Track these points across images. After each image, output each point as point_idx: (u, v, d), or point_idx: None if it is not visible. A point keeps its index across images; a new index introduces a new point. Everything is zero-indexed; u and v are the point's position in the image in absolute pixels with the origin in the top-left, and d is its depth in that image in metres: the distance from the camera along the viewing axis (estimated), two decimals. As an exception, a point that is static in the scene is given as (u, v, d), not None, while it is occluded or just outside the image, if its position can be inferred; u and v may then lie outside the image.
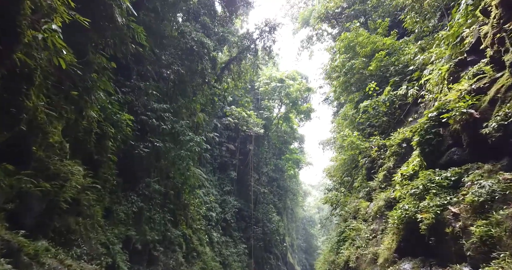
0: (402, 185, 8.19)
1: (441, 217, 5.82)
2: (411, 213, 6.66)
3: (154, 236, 14.63)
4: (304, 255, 69.30)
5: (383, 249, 7.86)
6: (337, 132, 20.49)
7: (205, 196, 28.46)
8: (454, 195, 5.96)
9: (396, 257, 7.16)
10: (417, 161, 8.06)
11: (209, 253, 24.00)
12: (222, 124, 35.94)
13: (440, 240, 5.80)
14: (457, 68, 7.90)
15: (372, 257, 8.45)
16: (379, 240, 8.89)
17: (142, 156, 13.68)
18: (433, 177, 6.67)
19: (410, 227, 6.78)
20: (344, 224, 12.94)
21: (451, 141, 6.92)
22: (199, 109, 19.44)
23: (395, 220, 7.31)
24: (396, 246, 7.30)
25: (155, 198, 15.36)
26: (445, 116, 6.63)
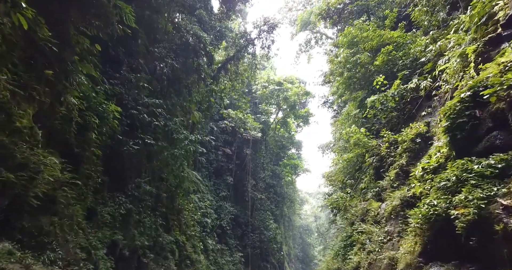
0: (423, 180, 7.21)
1: (486, 212, 4.82)
2: (441, 210, 5.66)
3: (143, 242, 13.47)
4: (301, 265, 67.68)
5: (403, 253, 6.85)
6: (339, 133, 19.53)
7: (200, 202, 27.28)
8: (501, 185, 4.98)
9: (422, 262, 6.13)
10: (441, 153, 7.10)
11: (204, 261, 22.76)
12: (219, 128, 34.92)
13: (485, 240, 4.79)
14: (487, 47, 7.00)
15: (389, 263, 7.43)
16: (396, 243, 7.87)
17: (132, 154, 12.61)
18: (470, 166, 5.68)
19: (440, 226, 5.78)
20: (350, 228, 11.89)
21: (491, 124, 5.95)
22: (194, 108, 18.44)
23: (418, 219, 6.31)
24: (421, 249, 6.28)
25: (146, 200, 14.24)
26: (486, 92, 5.63)
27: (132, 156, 12.79)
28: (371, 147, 12.32)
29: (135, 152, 12.68)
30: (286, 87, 38.53)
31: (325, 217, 72.04)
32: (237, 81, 25.75)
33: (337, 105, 30.59)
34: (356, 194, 13.16)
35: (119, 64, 12.87)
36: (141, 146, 13.19)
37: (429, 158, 7.55)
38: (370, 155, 12.81)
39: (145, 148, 13.76)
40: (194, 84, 18.43)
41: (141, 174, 13.98)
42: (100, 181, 10.49)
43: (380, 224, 9.10)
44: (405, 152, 10.33)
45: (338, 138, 22.37)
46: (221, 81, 25.31)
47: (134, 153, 12.71)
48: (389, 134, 11.11)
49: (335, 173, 22.44)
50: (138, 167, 13.72)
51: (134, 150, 12.53)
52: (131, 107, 12.58)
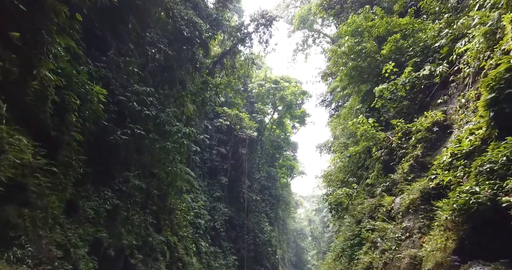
0: (453, 168, 6.28)
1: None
2: (485, 198, 4.74)
3: (131, 241, 12.36)
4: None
5: (431, 251, 5.90)
6: (339, 129, 18.62)
7: (193, 202, 26.15)
8: None
9: (457, 261, 5.18)
10: (475, 135, 6.18)
11: (196, 264, 21.62)
12: (213, 126, 33.86)
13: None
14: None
15: (411, 262, 6.48)
16: (417, 240, 6.93)
17: (120, 144, 11.53)
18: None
19: (482, 218, 4.85)
20: (357, 226, 10.92)
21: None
22: (188, 100, 17.40)
23: (450, 211, 5.37)
24: (455, 246, 5.32)
25: (135, 196, 13.13)
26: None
27: (120, 147, 11.71)
28: (379, 139, 11.40)
29: (123, 143, 11.61)
30: (282, 86, 37.64)
31: (319, 221, 71.18)
32: (233, 76, 24.76)
33: (336, 103, 29.76)
34: (362, 190, 12.21)
35: (106, 47, 11.82)
36: (130, 137, 12.11)
37: (458, 142, 6.62)
38: (377, 148, 11.89)
39: (135, 140, 12.69)
40: (189, 75, 17.42)
41: (130, 168, 12.89)
42: (83, 171, 9.39)
43: (396, 220, 8.15)
44: (419, 142, 9.43)
45: (338, 135, 21.48)
46: (217, 76, 24.34)
47: (122, 144, 11.64)
48: (402, 122, 10.19)
49: (334, 172, 21.52)
50: (126, 159, 12.63)
51: (122, 140, 11.46)
52: (119, 93, 11.52)
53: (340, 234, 17.23)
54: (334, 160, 22.10)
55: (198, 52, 16.28)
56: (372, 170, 12.46)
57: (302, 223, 77.42)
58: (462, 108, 8.28)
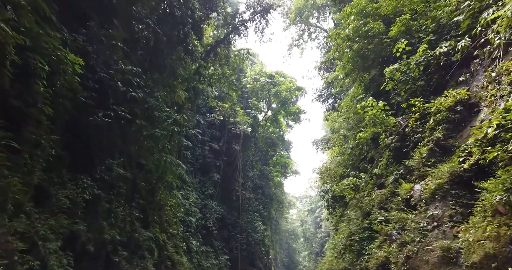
0: (500, 142, 5.21)
1: None
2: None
3: (114, 236, 11.11)
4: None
5: (475, 240, 4.86)
6: (342, 119, 17.56)
7: (184, 199, 24.88)
8: None
9: (516, 251, 4.16)
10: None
11: (186, 263, 20.36)
12: (206, 121, 32.60)
13: None
14: None
15: (444, 255, 5.43)
16: (449, 230, 5.88)
17: (101, 128, 10.29)
18: None
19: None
20: (366, 219, 9.85)
21: None
22: (180, 87, 16.19)
23: (505, 191, 4.32)
24: (513, 233, 4.30)
25: (119, 187, 11.87)
26: None
27: (102, 131, 10.46)
28: (389, 124, 10.35)
29: (105, 126, 10.36)
30: (278, 80, 36.53)
31: (311, 222, 70.36)
32: (227, 66, 23.58)
33: (334, 98, 28.81)
34: (369, 180, 11.13)
35: (87, 19, 10.55)
36: (114, 121, 10.88)
37: (505, 112, 5.53)
38: (387, 135, 10.85)
39: (119, 124, 11.45)
40: (180, 60, 16.20)
41: (114, 155, 11.64)
42: (55, 154, 8.15)
43: (418, 209, 7.09)
44: (439, 124, 8.40)
45: (337, 128, 20.44)
46: (210, 66, 23.14)
47: (104, 127, 10.39)
48: (420, 101, 9.14)
49: (333, 167, 20.49)
50: (110, 146, 11.38)
51: (104, 123, 10.21)
52: (101, 70, 10.27)
53: (341, 230, 16.19)
54: (333, 154, 21.08)
55: (191, 34, 15.10)
56: (380, 159, 11.41)
57: (294, 224, 76.55)
58: (492, 83, 7.29)
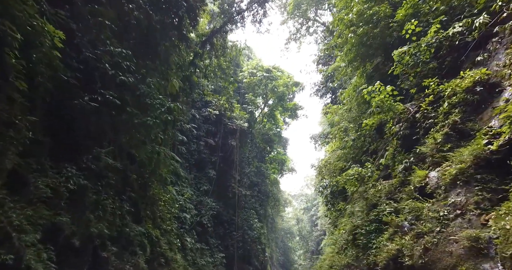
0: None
1: None
2: None
3: (103, 230, 10.34)
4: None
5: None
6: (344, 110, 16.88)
7: (178, 195, 24.12)
8: None
9: None
10: None
11: (181, 261, 19.62)
12: (201, 116, 31.77)
13: None
14: None
15: (472, 246, 4.78)
16: (475, 218, 5.22)
17: (88, 113, 9.50)
18: None
19: None
20: (373, 212, 9.17)
21: None
22: (174, 75, 15.40)
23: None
24: None
25: (108, 177, 11.10)
26: None
27: (89, 116, 9.68)
28: (398, 111, 9.68)
29: (93, 111, 9.58)
30: (275, 75, 35.78)
31: (307, 220, 69.94)
32: (224, 57, 22.82)
33: (332, 92, 28.17)
34: (376, 170, 10.45)
35: None
36: (102, 107, 10.09)
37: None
38: (394, 122, 10.18)
39: (108, 111, 10.65)
40: (174, 47, 15.42)
41: (102, 144, 10.86)
42: (34, 137, 7.37)
43: (436, 197, 6.42)
44: (455, 107, 7.74)
45: (337, 121, 19.78)
46: (206, 57, 22.37)
47: (91, 112, 9.61)
48: (435, 82, 8.43)
49: (332, 161, 19.82)
50: (98, 133, 10.60)
51: (91, 108, 9.43)
52: (87, 50, 9.48)
53: (342, 225, 15.56)
54: (332, 148, 20.43)
55: (185, 18, 14.33)
56: (386, 148, 10.74)
57: (290, 222, 76.08)
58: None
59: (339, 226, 18.30)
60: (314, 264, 53.56)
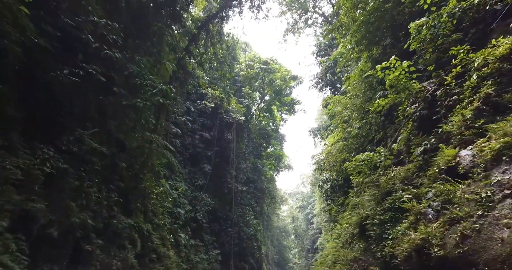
0: None
1: None
2: None
3: (86, 220, 9.31)
4: (277, 268, 64.74)
5: None
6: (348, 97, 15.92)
7: (172, 189, 23.09)
8: None
9: None
10: None
11: (174, 257, 18.62)
12: (196, 109, 30.66)
13: None
14: None
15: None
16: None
17: (69, 88, 8.45)
18: None
19: None
20: (386, 200, 8.23)
21: None
22: (167, 57, 14.34)
23: None
24: None
25: (92, 163, 10.02)
26: None
27: (70, 93, 8.63)
28: (414, 89, 8.72)
29: (73, 86, 8.52)
30: (273, 67, 34.75)
31: (303, 218, 69.31)
32: (220, 45, 21.78)
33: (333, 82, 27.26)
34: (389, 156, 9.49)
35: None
36: (85, 83, 9.04)
37: None
38: (410, 103, 9.23)
39: (93, 89, 9.61)
40: (168, 28, 14.36)
41: (86, 125, 9.78)
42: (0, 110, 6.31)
43: (472, 177, 5.48)
44: (487, 79, 6.79)
45: (339, 111, 18.84)
46: (201, 44, 21.31)
47: (72, 88, 8.55)
48: (465, 49, 7.44)
49: (334, 153, 18.87)
50: (81, 113, 9.54)
51: (71, 83, 8.37)
52: (66, 17, 8.39)
53: (346, 218, 14.66)
54: (334, 139, 19.50)
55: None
56: (400, 132, 9.79)
57: (285, 221, 75.46)
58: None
59: (340, 220, 17.39)
60: (309, 262, 53.03)
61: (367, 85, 14.22)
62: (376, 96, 11.37)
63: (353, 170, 9.69)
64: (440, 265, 5.41)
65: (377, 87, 13.91)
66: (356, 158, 9.56)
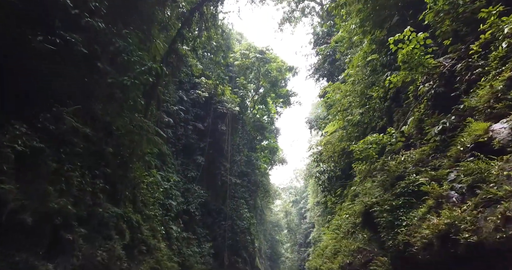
0: None
1: None
2: None
3: (66, 206, 8.40)
4: (269, 262, 64.48)
5: None
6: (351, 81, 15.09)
7: (164, 181, 22.18)
8: None
9: None
10: None
11: (165, 250, 17.80)
12: (189, 99, 29.66)
13: None
14: None
15: None
16: None
17: (45, 58, 7.50)
18: None
19: None
20: (398, 184, 7.46)
21: None
22: (157, 35, 13.34)
23: None
24: None
25: (73, 144, 9.09)
26: None
27: (46, 63, 7.67)
28: (430, 65, 7.92)
29: (51, 57, 7.57)
30: (269, 57, 33.77)
31: (296, 213, 69.02)
32: (215, 29, 20.80)
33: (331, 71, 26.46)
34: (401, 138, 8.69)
35: None
36: (64, 54, 8.08)
37: None
38: (424, 81, 8.43)
39: (73, 61, 8.64)
40: (159, 4, 13.37)
41: (65, 101, 8.82)
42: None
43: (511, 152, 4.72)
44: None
45: (339, 99, 18.06)
46: (194, 28, 20.31)
47: (49, 59, 7.60)
48: (498, 10, 6.55)
49: (334, 142, 18.13)
50: (60, 89, 8.58)
51: (47, 51, 7.41)
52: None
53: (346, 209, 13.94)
54: (334, 128, 18.75)
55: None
56: (412, 113, 9.00)
57: (278, 215, 75.19)
58: None
59: (338, 211, 16.70)
60: (302, 257, 52.70)
61: (371, 69, 13.43)
62: (382, 77, 10.54)
63: (360, 155, 8.89)
64: (471, 252, 4.66)
65: (381, 71, 13.13)
66: (365, 140, 8.76)
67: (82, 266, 9.10)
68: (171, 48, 17.77)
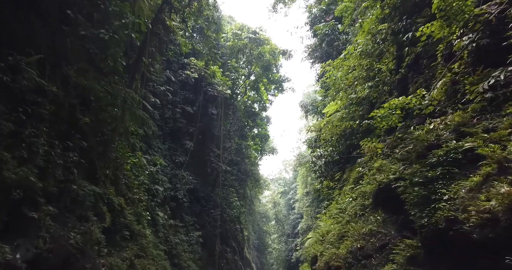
0: None
1: None
2: None
3: (27, 178, 6.87)
4: (256, 253, 64.08)
5: None
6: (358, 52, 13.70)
7: (149, 165, 20.64)
8: None
9: None
10: None
11: (151, 237, 16.41)
12: (178, 80, 27.83)
13: None
14: None
15: None
16: None
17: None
18: None
19: None
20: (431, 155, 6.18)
21: None
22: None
23: None
24: None
25: (38, 104, 7.51)
26: None
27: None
28: (472, 13, 6.62)
29: None
30: (262, 38, 32.14)
31: (284, 204, 68.53)
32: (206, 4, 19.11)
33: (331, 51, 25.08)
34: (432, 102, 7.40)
35: None
36: None
37: None
38: (461, 34, 7.13)
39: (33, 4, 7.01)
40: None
41: (25, 50, 7.19)
42: None
43: None
44: None
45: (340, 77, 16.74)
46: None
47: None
48: None
49: (334, 122, 16.81)
50: (18, 36, 6.95)
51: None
52: None
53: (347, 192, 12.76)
54: (335, 108, 17.45)
55: None
56: (437, 79, 7.71)
57: (266, 206, 74.65)
58: None
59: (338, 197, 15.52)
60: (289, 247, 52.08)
61: (382, 37, 12.09)
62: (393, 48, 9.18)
63: (380, 122, 7.59)
64: None
65: (393, 39, 11.82)
66: (389, 103, 7.43)
67: (50, 250, 7.62)
68: (158, 18, 16.11)
